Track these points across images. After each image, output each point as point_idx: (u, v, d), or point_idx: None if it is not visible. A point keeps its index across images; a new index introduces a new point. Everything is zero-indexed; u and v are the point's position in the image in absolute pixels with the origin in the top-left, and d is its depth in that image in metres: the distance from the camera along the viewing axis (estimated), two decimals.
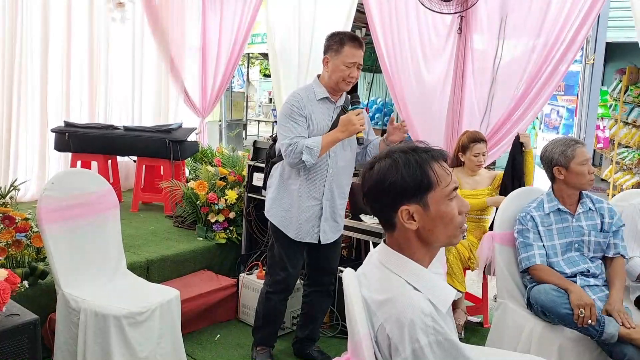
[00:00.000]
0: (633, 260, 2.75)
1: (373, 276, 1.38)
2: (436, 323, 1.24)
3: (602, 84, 6.94)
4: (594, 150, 7.88)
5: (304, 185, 2.74)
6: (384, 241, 1.43)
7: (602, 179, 8.33)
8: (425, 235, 1.35)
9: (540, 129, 6.31)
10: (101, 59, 5.51)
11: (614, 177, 7.51)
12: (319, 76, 2.79)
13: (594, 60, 4.75)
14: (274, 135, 3.03)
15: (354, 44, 2.66)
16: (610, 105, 7.50)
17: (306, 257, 2.98)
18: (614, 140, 7.68)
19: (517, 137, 3.63)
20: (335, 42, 2.67)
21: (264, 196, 3.07)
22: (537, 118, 5.54)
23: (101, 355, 2.43)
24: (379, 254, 1.42)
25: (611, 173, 7.60)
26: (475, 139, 3.60)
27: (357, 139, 2.66)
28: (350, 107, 2.70)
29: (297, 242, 2.80)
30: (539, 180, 4.39)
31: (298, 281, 3.33)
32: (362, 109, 2.67)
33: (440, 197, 1.33)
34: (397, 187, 1.33)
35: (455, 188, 1.37)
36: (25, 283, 2.34)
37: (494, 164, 5.46)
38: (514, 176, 3.55)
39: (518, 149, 3.60)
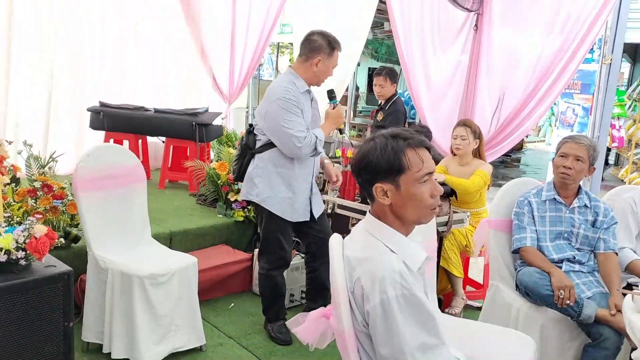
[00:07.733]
0: (622, 251, 2.86)
1: (357, 239, 1.62)
2: (404, 280, 1.45)
3: (630, 84, 6.93)
4: (608, 149, 7.85)
5: (299, 171, 2.98)
6: (369, 211, 1.65)
7: (620, 179, 8.33)
8: (397, 210, 1.57)
9: (555, 125, 6.40)
10: (133, 43, 5.81)
11: (629, 177, 7.53)
12: (291, 67, 2.98)
13: (611, 60, 4.81)
14: (251, 127, 3.08)
15: (339, 48, 2.94)
16: (630, 106, 7.48)
17: (303, 238, 3.27)
18: (631, 141, 7.68)
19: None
20: (327, 45, 2.90)
21: None
22: (553, 115, 5.63)
23: (126, 311, 2.71)
24: (364, 222, 1.65)
25: (627, 173, 7.62)
26: (458, 122, 3.67)
27: (340, 130, 3.10)
28: (330, 102, 3.01)
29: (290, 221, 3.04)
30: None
31: (300, 259, 3.57)
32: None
33: (410, 180, 1.53)
34: (372, 167, 1.55)
35: (429, 173, 1.56)
36: (62, 239, 2.61)
37: None
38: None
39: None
